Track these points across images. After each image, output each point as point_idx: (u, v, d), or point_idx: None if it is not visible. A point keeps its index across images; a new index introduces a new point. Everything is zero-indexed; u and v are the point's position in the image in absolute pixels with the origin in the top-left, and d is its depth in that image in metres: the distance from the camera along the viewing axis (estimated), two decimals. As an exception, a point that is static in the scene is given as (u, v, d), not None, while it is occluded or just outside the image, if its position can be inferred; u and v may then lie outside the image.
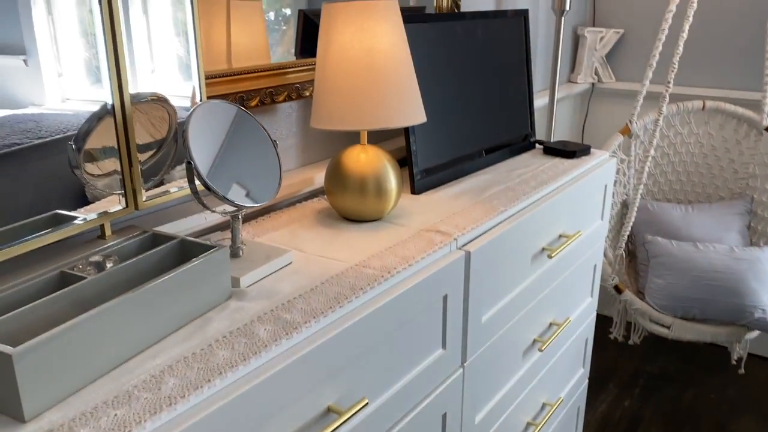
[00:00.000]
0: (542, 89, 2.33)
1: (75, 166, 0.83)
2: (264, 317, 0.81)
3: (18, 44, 0.75)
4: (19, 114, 0.76)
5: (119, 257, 0.84)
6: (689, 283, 2.11)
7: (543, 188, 1.44)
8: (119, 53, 0.83)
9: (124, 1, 0.84)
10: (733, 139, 2.33)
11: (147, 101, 0.92)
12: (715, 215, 2.29)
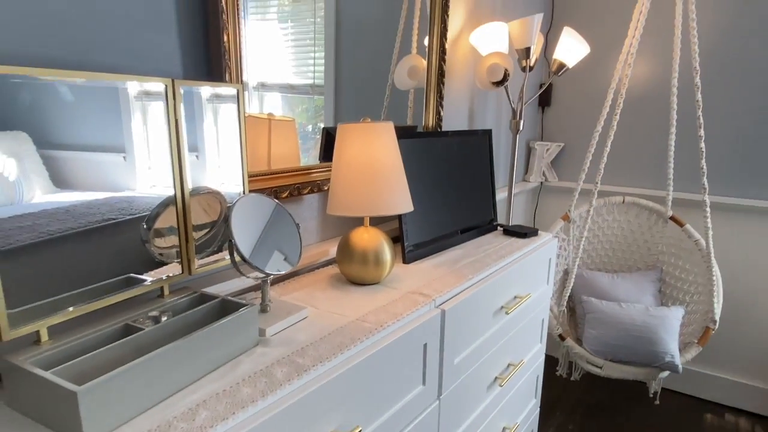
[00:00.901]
0: (503, 186, 2.33)
1: (146, 240, 0.82)
2: (282, 361, 0.78)
3: (120, 145, 0.77)
4: (117, 196, 0.77)
5: (173, 312, 0.82)
6: (616, 334, 2.05)
7: (502, 261, 1.41)
8: (182, 160, 0.83)
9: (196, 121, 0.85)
10: (645, 225, 2.32)
11: (205, 193, 0.92)
12: (634, 282, 2.25)
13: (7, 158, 0.64)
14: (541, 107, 2.67)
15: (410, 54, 1.62)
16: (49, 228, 0.68)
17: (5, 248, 0.63)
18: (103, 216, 0.75)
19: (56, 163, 0.70)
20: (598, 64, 2.42)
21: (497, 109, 2.21)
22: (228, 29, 0.94)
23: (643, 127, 2.38)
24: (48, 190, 0.69)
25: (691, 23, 1.88)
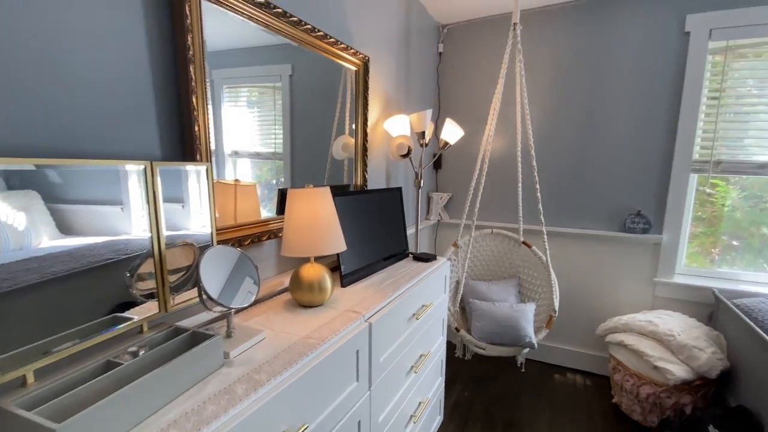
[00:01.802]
0: (412, 224, 2.35)
1: (129, 286, 0.72)
2: (242, 378, 0.70)
3: (118, 199, 0.70)
4: (115, 239, 0.69)
5: (150, 346, 0.72)
6: (493, 324, 2.08)
7: (413, 280, 1.40)
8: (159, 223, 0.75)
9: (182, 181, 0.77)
10: (507, 248, 2.41)
11: (181, 245, 0.83)
12: (502, 287, 2.32)
13: (17, 212, 0.57)
14: (436, 169, 2.76)
15: (344, 134, 1.61)
16: (53, 269, 0.61)
17: (12, 288, 0.55)
18: (102, 256, 0.67)
19: (62, 214, 0.63)
20: (471, 141, 2.56)
21: (406, 173, 2.26)
22: (199, 122, 0.89)
23: (501, 181, 2.52)
24: (54, 236, 0.61)
25: (526, 116, 2.04)
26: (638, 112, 2.13)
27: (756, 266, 2.09)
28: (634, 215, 2.18)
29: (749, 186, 2.07)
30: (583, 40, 2.20)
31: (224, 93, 1.05)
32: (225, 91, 1.05)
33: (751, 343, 1.64)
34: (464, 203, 2.17)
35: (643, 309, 2.24)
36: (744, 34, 1.88)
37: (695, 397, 1.76)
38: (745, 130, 1.97)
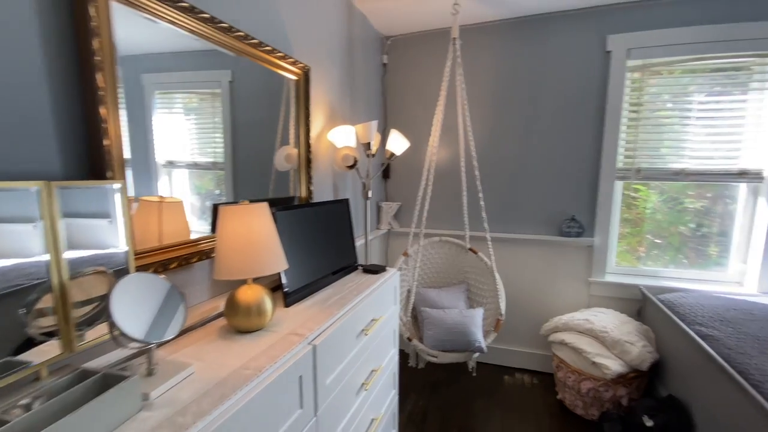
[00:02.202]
0: (362, 234, 2.32)
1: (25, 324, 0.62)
2: (164, 423, 0.62)
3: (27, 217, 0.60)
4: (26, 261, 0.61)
5: (49, 395, 0.61)
6: (444, 332, 2.10)
7: (361, 294, 1.36)
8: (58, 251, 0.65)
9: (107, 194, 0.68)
10: (455, 255, 2.46)
11: (92, 273, 0.73)
12: (452, 293, 2.36)
13: None
14: (384, 179, 2.77)
15: (288, 145, 1.55)
16: None
17: None
18: (9, 283, 0.58)
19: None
20: (417, 151, 2.59)
21: (354, 183, 2.23)
22: (110, 135, 0.79)
23: (448, 190, 2.58)
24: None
25: (467, 127, 2.10)
26: (569, 123, 2.28)
27: (676, 262, 2.31)
28: (569, 220, 2.33)
29: (667, 190, 2.29)
30: (519, 55, 2.33)
31: (156, 99, 0.96)
32: (157, 97, 0.97)
33: (675, 336, 1.80)
34: (413, 212, 2.19)
35: (581, 308, 2.38)
36: (658, 54, 2.09)
37: (630, 389, 1.89)
38: (661, 141, 2.17)
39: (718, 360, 1.40)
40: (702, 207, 2.25)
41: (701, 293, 2.04)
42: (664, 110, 2.16)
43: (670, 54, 2.07)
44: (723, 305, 1.84)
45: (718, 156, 2.08)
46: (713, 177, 2.11)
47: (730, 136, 2.05)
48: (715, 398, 1.42)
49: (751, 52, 1.95)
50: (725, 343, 1.51)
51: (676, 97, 2.13)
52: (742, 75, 2.01)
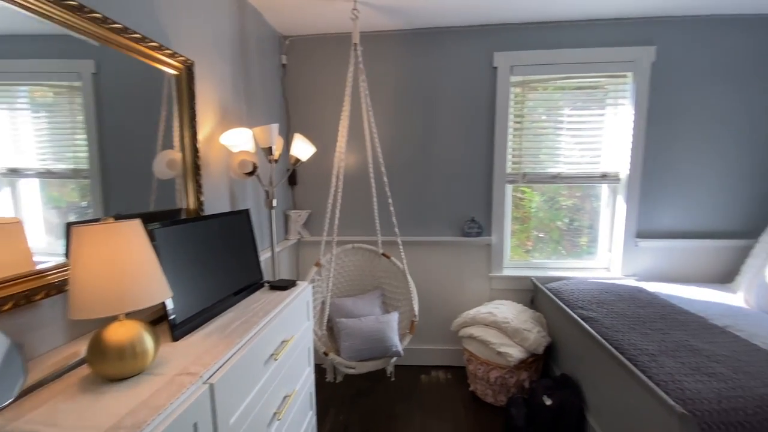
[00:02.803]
0: (268, 247, 2.14)
1: None
2: None
3: None
4: None
5: None
6: (361, 341, 2.05)
7: (268, 315, 1.22)
8: None
9: None
10: (369, 261, 2.43)
11: None
12: (367, 300, 2.32)
13: None
14: (291, 186, 2.61)
15: (171, 149, 1.33)
16: None
17: None
18: None
19: None
20: (325, 156, 2.50)
21: (256, 192, 2.04)
22: None
23: (358, 196, 2.54)
24: None
25: (374, 133, 2.09)
26: (465, 132, 2.43)
27: (557, 254, 2.61)
28: (470, 221, 2.47)
29: (547, 191, 2.59)
30: (418, 66, 2.41)
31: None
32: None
33: (562, 320, 2.01)
34: (324, 219, 2.09)
35: (484, 301, 2.54)
36: (535, 72, 2.35)
37: (530, 372, 2.06)
38: (540, 149, 2.44)
39: (599, 338, 1.59)
40: (573, 204, 2.59)
41: (579, 280, 2.34)
42: (541, 122, 2.44)
43: (544, 72, 2.34)
44: (597, 289, 2.12)
45: (584, 161, 2.42)
46: (582, 179, 2.44)
47: (593, 145, 2.40)
48: (599, 372, 1.62)
49: (604, 73, 2.31)
50: (603, 323, 1.74)
51: (550, 110, 2.42)
52: (599, 93, 2.37)
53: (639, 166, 2.34)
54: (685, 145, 2.32)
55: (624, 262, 2.43)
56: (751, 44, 2.20)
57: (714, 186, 2.34)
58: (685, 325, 1.70)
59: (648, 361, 1.42)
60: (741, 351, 1.45)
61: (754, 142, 2.28)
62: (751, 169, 2.30)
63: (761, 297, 1.85)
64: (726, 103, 2.26)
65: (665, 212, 2.38)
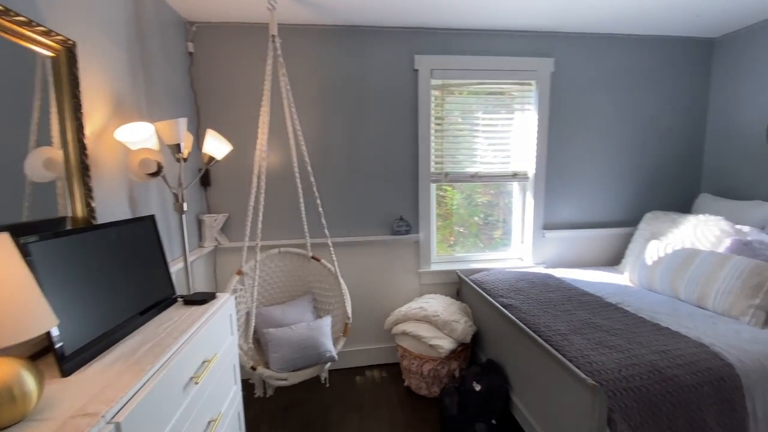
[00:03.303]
0: (180, 257, 1.91)
1: None
2: None
3: None
4: None
5: None
6: (292, 350, 1.94)
7: (184, 335, 1.08)
8: None
9: None
10: (297, 265, 2.32)
11: None
12: (298, 307, 2.21)
13: None
14: (204, 187, 2.37)
15: (49, 146, 1.10)
16: None
17: None
18: None
19: None
20: (244, 155, 2.32)
21: (163, 196, 1.81)
22: None
23: (283, 197, 2.41)
24: None
25: (297, 131, 1.99)
26: (391, 132, 2.46)
27: (477, 247, 2.79)
28: (398, 220, 2.51)
29: (466, 189, 2.74)
30: (342, 63, 2.37)
31: None
32: None
33: (486, 309, 2.14)
34: (245, 223, 1.93)
35: (414, 297, 2.60)
36: (452, 76, 2.46)
37: (460, 361, 2.15)
38: (458, 150, 2.58)
39: (518, 323, 1.72)
40: (488, 201, 2.79)
41: (498, 270, 2.52)
42: (458, 124, 2.57)
43: (461, 77, 2.47)
44: (514, 278, 2.31)
45: (497, 162, 2.61)
46: (496, 178, 2.63)
47: (504, 147, 2.61)
48: (520, 354, 1.75)
49: (512, 80, 2.53)
50: (521, 309, 1.89)
51: (465, 113, 2.57)
52: (507, 98, 2.58)
53: (543, 165, 2.60)
54: (579, 146, 2.64)
55: (534, 251, 2.68)
56: (625, 60, 2.59)
57: (602, 182, 2.70)
58: (586, 305, 1.93)
59: (561, 340, 1.58)
60: (631, 324, 1.68)
61: (630, 145, 2.69)
62: (629, 168, 2.72)
63: (642, 276, 2.18)
64: (609, 110, 2.64)
65: (566, 206, 2.69)
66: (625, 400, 1.27)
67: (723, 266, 1.82)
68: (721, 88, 2.62)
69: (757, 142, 2.39)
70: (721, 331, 1.59)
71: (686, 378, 1.33)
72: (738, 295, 1.71)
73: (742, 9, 2.16)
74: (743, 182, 2.49)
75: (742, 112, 2.49)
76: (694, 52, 2.64)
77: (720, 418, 1.30)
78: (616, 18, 2.28)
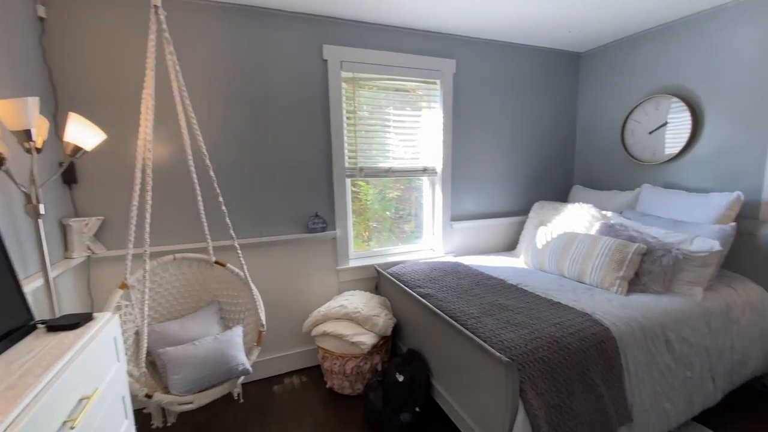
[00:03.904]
0: (37, 272, 1.51)
1: None
2: None
3: None
4: None
5: None
6: (196, 369, 1.69)
7: (51, 370, 0.83)
8: None
9: None
10: (198, 272, 2.03)
11: None
12: (201, 319, 1.93)
13: None
14: (68, 185, 1.93)
15: None
16: None
17: None
18: None
19: None
20: (122, 146, 1.95)
21: (6, 194, 1.40)
22: None
23: (177, 196, 2.10)
24: None
25: (191, 120, 1.73)
26: (302, 125, 2.33)
27: (391, 241, 2.82)
28: (314, 217, 2.39)
29: (379, 185, 2.75)
30: (243, 47, 2.15)
31: None
32: None
33: (404, 300, 2.17)
34: (127, 227, 1.60)
35: (333, 296, 2.52)
36: (362, 70, 2.43)
37: (382, 354, 2.15)
38: (371, 145, 2.56)
39: (436, 311, 1.78)
40: (398, 196, 2.84)
41: (414, 262, 2.59)
42: (369, 119, 2.56)
43: (370, 71, 2.45)
44: (428, 268, 2.38)
45: (407, 157, 2.67)
46: (407, 173, 2.69)
47: (413, 143, 2.68)
48: (439, 340, 1.80)
49: (419, 78, 2.60)
50: (437, 297, 1.95)
51: (376, 108, 2.56)
52: (414, 96, 2.65)
53: (449, 161, 2.75)
54: (479, 144, 2.86)
55: (444, 242, 2.82)
56: (515, 67, 2.88)
57: (499, 176, 2.97)
58: (492, 288, 2.08)
59: (475, 323, 1.67)
60: (531, 302, 1.87)
61: (520, 145, 3.01)
62: (519, 164, 3.03)
63: (534, 258, 2.46)
64: (502, 112, 2.90)
65: (469, 199, 2.89)
66: (532, 371, 1.40)
67: (595, 246, 2.14)
68: (586, 96, 3.10)
69: (614, 142, 2.89)
70: (598, 301, 1.86)
71: (577, 344, 1.52)
72: (607, 270, 2.03)
73: (601, 28, 2.57)
74: (605, 175, 2.99)
75: (602, 117, 2.98)
76: (566, 64, 3.07)
77: (603, 375, 1.52)
78: (505, 27, 2.51)
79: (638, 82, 2.68)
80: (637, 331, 1.64)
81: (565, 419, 1.41)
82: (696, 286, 1.93)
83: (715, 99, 2.28)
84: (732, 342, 1.88)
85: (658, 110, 2.54)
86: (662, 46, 2.51)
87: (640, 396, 1.60)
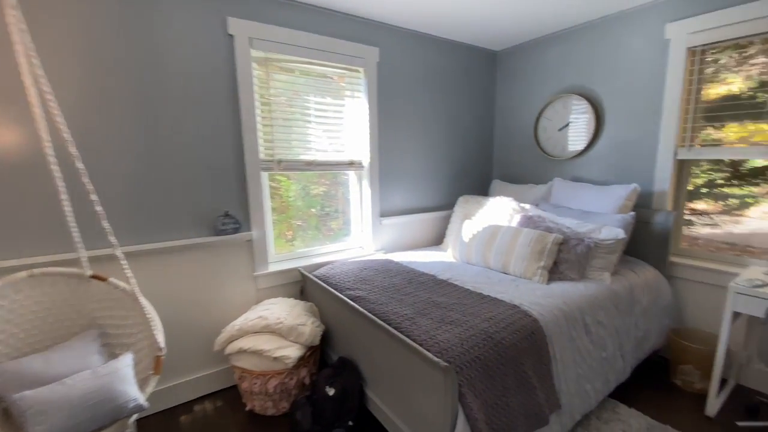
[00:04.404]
0: None
1: None
2: None
3: None
4: None
5: None
6: (69, 414, 1.31)
7: None
8: None
9: None
10: (67, 291, 1.59)
11: None
12: (74, 350, 1.52)
13: None
14: None
15: None
16: None
17: None
18: None
19: None
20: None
21: None
22: None
23: (32, 195, 1.63)
24: None
25: (48, 100, 1.33)
26: (204, 111, 1.98)
27: (318, 240, 2.60)
28: (223, 216, 2.07)
29: (302, 179, 2.50)
30: (123, 16, 1.74)
31: None
32: None
33: (333, 304, 1.98)
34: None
35: (251, 305, 2.23)
36: (278, 50, 2.15)
37: (309, 366, 1.93)
38: (290, 134, 2.31)
39: (368, 315, 1.63)
40: (323, 192, 2.64)
41: (342, 261, 2.40)
42: (288, 106, 2.30)
43: (286, 52, 2.19)
44: (358, 267, 2.22)
45: (332, 149, 2.47)
46: (332, 167, 2.49)
47: (338, 134, 2.48)
48: (372, 346, 1.66)
49: (341, 64, 2.40)
50: (368, 299, 1.80)
51: (297, 95, 2.31)
52: (338, 84, 2.45)
53: (376, 154, 2.61)
54: (405, 138, 2.77)
55: (374, 238, 2.69)
56: (438, 61, 2.84)
57: (425, 171, 2.92)
58: (424, 284, 2.00)
59: (409, 324, 1.55)
60: (462, 297, 1.82)
61: (444, 139, 2.99)
62: (444, 158, 3.02)
63: (462, 252, 2.44)
64: (426, 107, 2.84)
65: (397, 194, 2.79)
66: (470, 371, 1.32)
67: (517, 237, 2.18)
68: (502, 94, 3.19)
69: (528, 138, 3.02)
70: (523, 291, 1.88)
71: (510, 338, 1.48)
72: (529, 260, 2.07)
73: (514, 28, 2.64)
74: (521, 170, 3.12)
75: (517, 114, 3.09)
76: (485, 61, 3.12)
77: (534, 366, 1.51)
78: (427, 17, 2.44)
79: (549, 82, 2.82)
80: (560, 318, 1.67)
81: (502, 416, 1.36)
82: (605, 272, 2.05)
83: (614, 99, 2.47)
84: (636, 320, 2.04)
85: (566, 109, 2.70)
86: (571, 48, 2.67)
87: (566, 382, 1.63)
